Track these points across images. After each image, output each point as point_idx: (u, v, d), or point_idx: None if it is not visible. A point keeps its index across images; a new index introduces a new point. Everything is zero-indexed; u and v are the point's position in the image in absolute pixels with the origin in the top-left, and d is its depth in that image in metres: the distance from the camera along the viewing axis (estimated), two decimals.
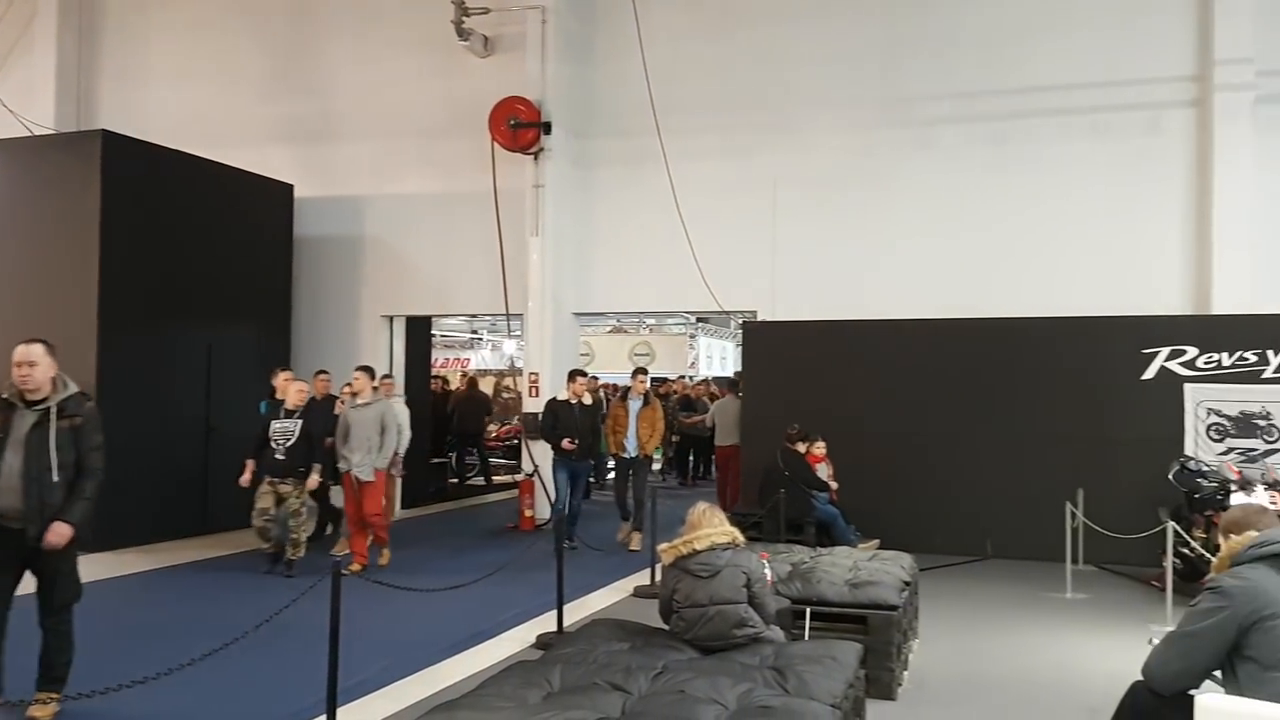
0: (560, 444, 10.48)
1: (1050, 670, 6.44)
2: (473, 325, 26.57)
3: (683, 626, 4.74)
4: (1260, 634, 3.34)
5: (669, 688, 3.98)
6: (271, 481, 9.06)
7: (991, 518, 10.63)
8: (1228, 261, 10.56)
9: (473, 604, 7.73)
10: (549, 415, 10.70)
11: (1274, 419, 9.98)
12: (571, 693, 3.95)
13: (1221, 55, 10.59)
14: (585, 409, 10.76)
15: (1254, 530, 3.69)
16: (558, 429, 10.54)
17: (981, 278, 11.45)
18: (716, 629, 4.65)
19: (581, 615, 7.52)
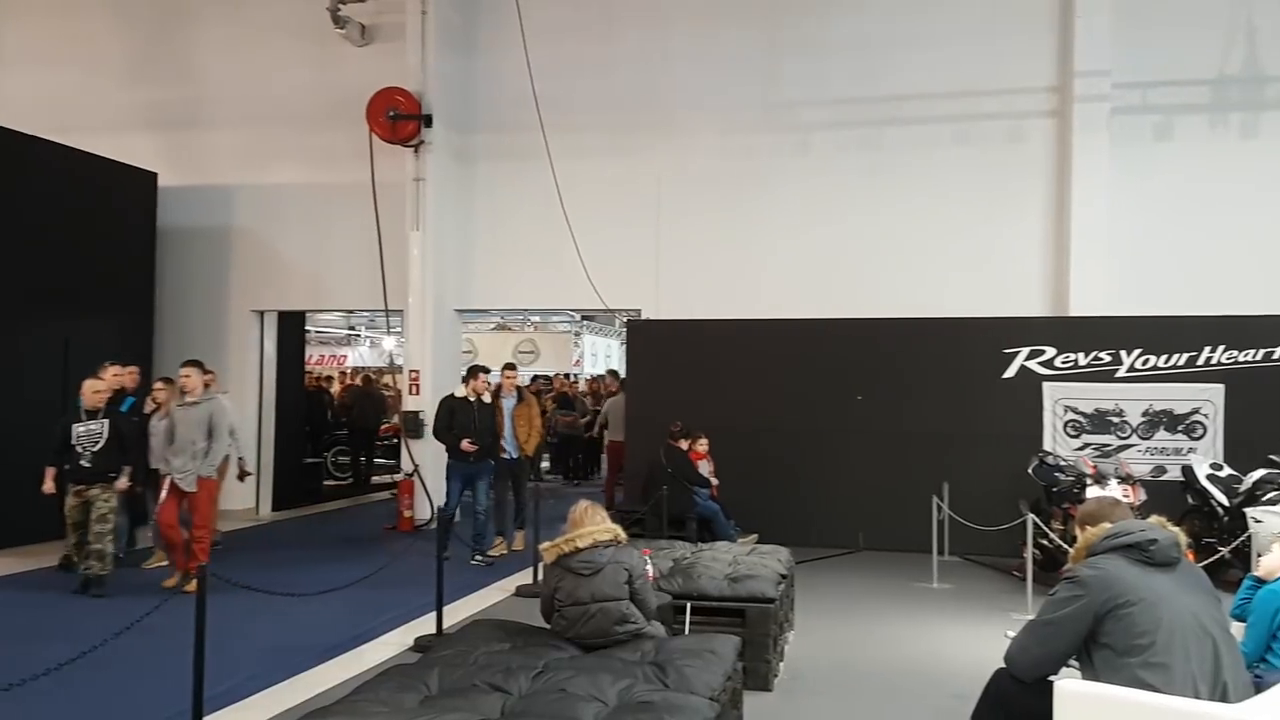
0: (459, 444, 9.79)
1: (918, 658, 6.67)
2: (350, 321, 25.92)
3: (564, 625, 4.72)
4: (1114, 622, 3.51)
5: (550, 686, 3.96)
6: (78, 490, 8.29)
7: (864, 511, 10.96)
8: (1084, 266, 11.12)
9: (348, 608, 7.53)
10: (445, 413, 10.00)
11: (1126, 416, 10.58)
12: (450, 695, 3.89)
13: (1081, 67, 11.15)
14: (484, 407, 10.11)
15: (1108, 522, 3.86)
16: (454, 428, 9.88)
17: (856, 279, 11.77)
18: (598, 626, 4.65)
19: (462, 617, 7.42)
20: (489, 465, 10.06)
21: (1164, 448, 10.48)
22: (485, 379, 10.23)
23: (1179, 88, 11.16)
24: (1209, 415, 10.39)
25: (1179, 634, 3.44)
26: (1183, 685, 3.35)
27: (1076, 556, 3.85)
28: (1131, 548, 3.67)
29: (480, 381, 10.15)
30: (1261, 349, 10.28)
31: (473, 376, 10.22)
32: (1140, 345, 10.55)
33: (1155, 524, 3.81)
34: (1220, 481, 9.26)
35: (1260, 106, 11.01)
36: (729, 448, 10.85)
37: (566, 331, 26.21)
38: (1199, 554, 8.67)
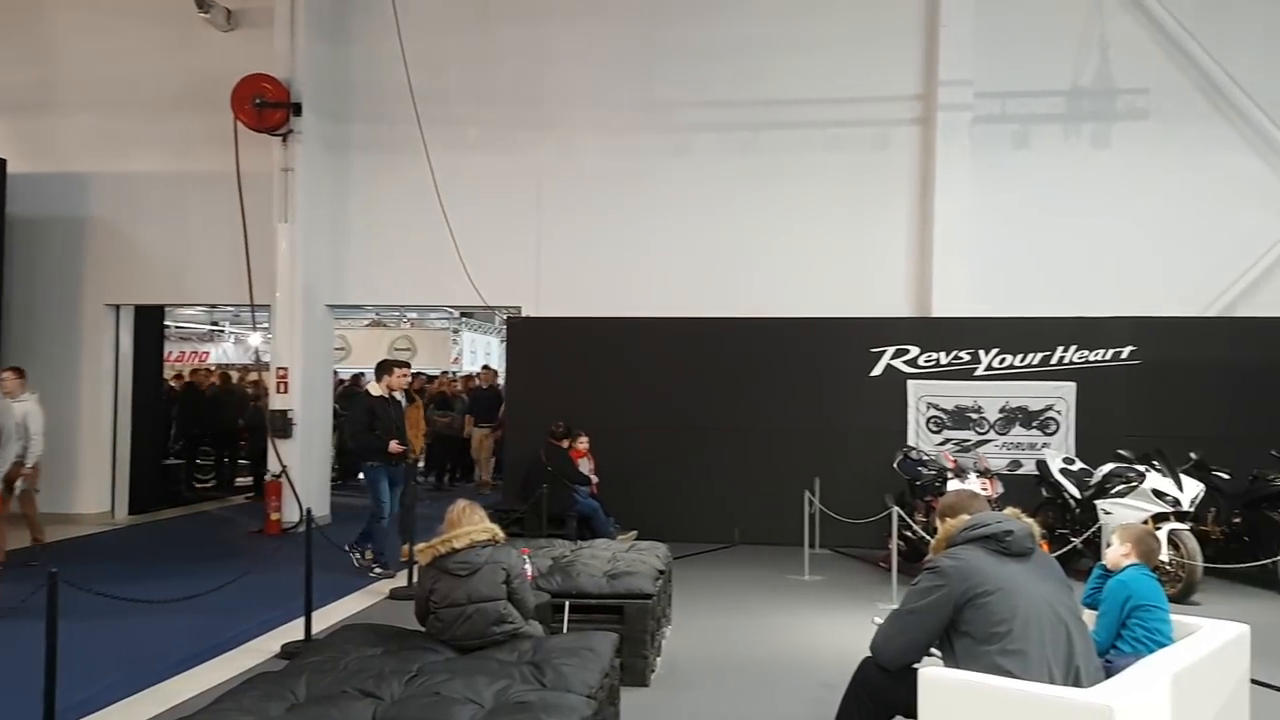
0: (387, 447, 9.04)
1: (790, 649, 6.83)
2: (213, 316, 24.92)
3: (440, 627, 4.65)
4: (973, 610, 3.66)
5: (424, 690, 3.89)
6: None
7: (740, 507, 11.16)
8: (946, 268, 11.57)
9: (210, 614, 7.22)
10: (364, 414, 9.22)
11: (985, 412, 11.08)
12: (318, 702, 3.78)
13: (944, 77, 11.57)
14: (399, 405, 9.57)
15: (967, 514, 4.02)
16: (377, 429, 9.12)
17: (734, 279, 11.95)
18: (475, 627, 4.60)
19: (332, 622, 7.22)
20: (404, 467, 9.54)
21: (1020, 443, 11.01)
22: (402, 374, 9.56)
23: (1036, 98, 11.72)
24: (1062, 412, 10.96)
25: (1034, 622, 3.61)
26: (1038, 671, 3.52)
27: (937, 547, 4.00)
28: (989, 539, 3.83)
29: (396, 377, 9.46)
30: (1110, 349, 10.90)
31: (386, 372, 9.54)
32: (998, 345, 11.06)
33: (1011, 516, 3.99)
34: (1072, 475, 9.77)
35: (1111, 117, 11.66)
36: (609, 445, 10.90)
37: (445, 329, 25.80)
38: (1052, 544, 9.16)
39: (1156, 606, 4.37)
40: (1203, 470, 9.33)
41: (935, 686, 3.52)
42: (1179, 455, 9.18)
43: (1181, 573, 8.34)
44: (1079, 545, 8.91)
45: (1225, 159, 11.39)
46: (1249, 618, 4.99)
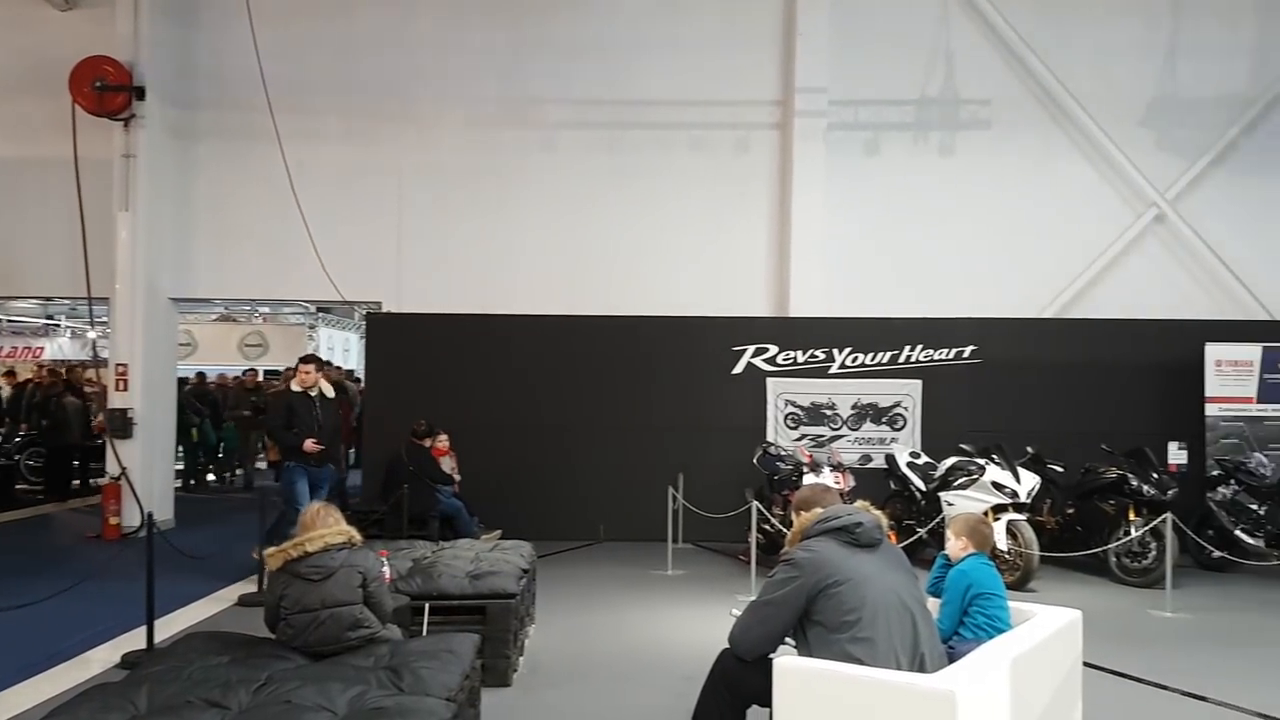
0: (303, 445, 8.63)
1: (652, 643, 6.90)
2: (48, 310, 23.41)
3: (291, 633, 4.49)
4: (825, 600, 3.78)
5: (274, 699, 3.75)
6: None
7: (605, 503, 11.21)
8: (803, 270, 11.89)
9: (44, 623, 6.80)
10: (283, 411, 8.83)
11: (838, 409, 11.46)
12: (161, 713, 3.60)
13: (801, 84, 11.90)
14: (327, 402, 9.03)
15: (820, 507, 4.15)
16: (295, 426, 8.71)
17: (600, 277, 11.98)
18: (329, 633, 4.46)
19: (176, 630, 6.89)
20: (330, 470, 9.06)
21: (870, 438, 11.43)
22: (305, 370, 8.99)
23: (887, 107, 12.19)
24: (909, 408, 11.43)
25: (882, 610, 3.75)
26: (886, 658, 3.66)
27: (792, 540, 4.11)
28: (840, 530, 3.96)
29: (300, 374, 8.95)
30: (954, 348, 11.43)
31: (294, 369, 9.05)
32: (850, 344, 11.46)
33: (861, 508, 4.14)
34: (918, 468, 10.21)
35: (956, 126, 12.22)
36: (473, 444, 10.77)
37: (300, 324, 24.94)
38: (900, 535, 9.56)
39: (995, 594, 4.59)
40: (1038, 463, 9.89)
41: (789, 675, 3.61)
42: (1017, 449, 9.70)
43: (1019, 561, 8.81)
44: (924, 535, 9.32)
45: (1061, 167, 12.11)
46: (1081, 603, 5.33)
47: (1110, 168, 12.08)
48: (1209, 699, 5.78)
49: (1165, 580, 8.28)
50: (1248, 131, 12.04)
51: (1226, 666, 6.52)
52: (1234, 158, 12.07)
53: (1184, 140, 12.05)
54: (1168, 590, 8.18)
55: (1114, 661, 6.42)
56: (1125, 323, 11.44)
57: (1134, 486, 9.28)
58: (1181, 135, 12.06)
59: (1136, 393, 11.21)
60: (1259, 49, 12.05)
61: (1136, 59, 12.09)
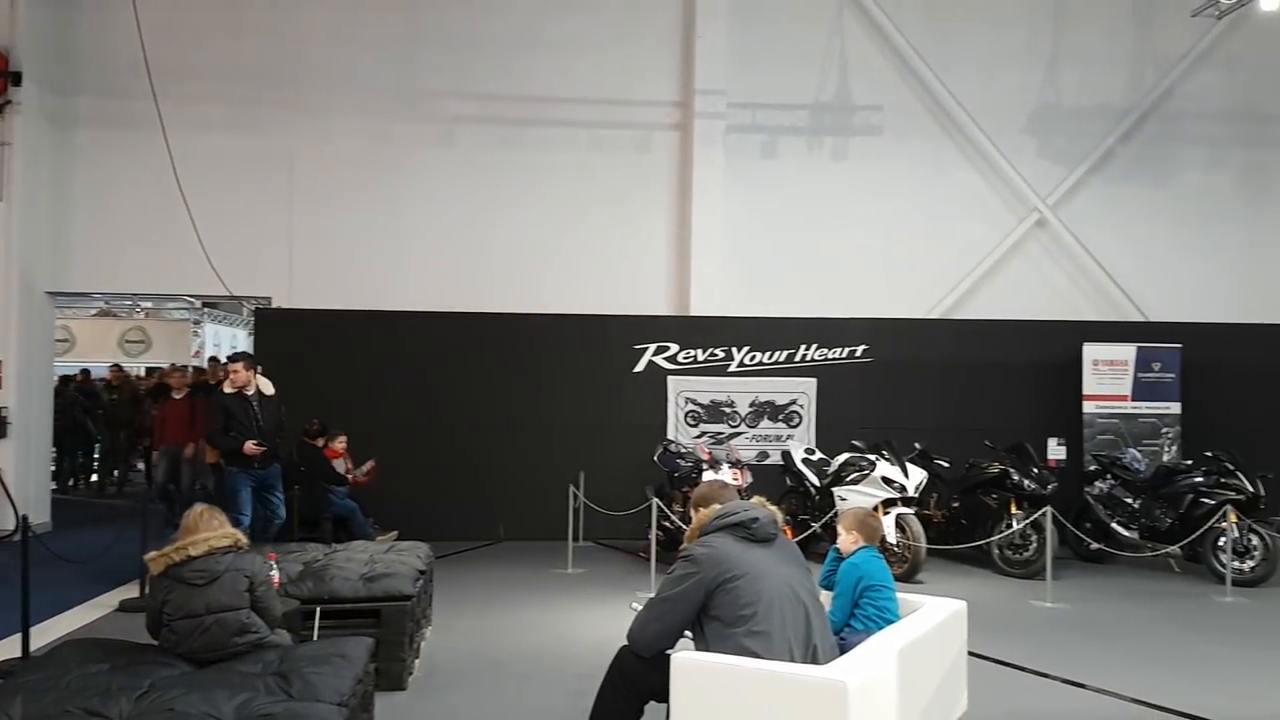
0: (242, 448, 8.25)
1: (551, 643, 6.88)
2: None
3: (175, 640, 4.34)
4: (723, 595, 3.83)
5: (156, 707, 3.62)
6: None
7: (505, 503, 11.13)
8: (703, 269, 12.02)
9: None
10: (219, 412, 8.45)
11: (737, 406, 11.62)
12: None
13: (700, 86, 12.02)
14: (266, 400, 8.60)
15: (718, 504, 4.20)
16: (231, 429, 8.35)
17: (501, 274, 11.88)
18: (214, 639, 4.32)
19: (53, 638, 6.57)
20: (278, 470, 8.71)
21: (767, 435, 11.63)
22: (234, 369, 8.57)
23: (783, 111, 12.40)
24: (804, 406, 11.67)
25: (777, 604, 3.82)
26: (780, 650, 3.73)
27: (691, 536, 4.15)
28: (737, 526, 4.02)
29: (242, 371, 8.52)
30: (847, 347, 11.71)
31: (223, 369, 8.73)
32: (749, 343, 11.63)
33: (757, 504, 4.21)
34: (813, 464, 10.43)
35: (850, 132, 12.51)
36: (368, 443, 10.52)
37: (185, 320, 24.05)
38: (795, 529, 9.73)
39: (885, 586, 4.72)
40: (926, 459, 10.21)
41: (687, 670, 3.65)
42: (905, 445, 10.00)
43: (908, 554, 9.08)
44: (818, 530, 9.52)
45: (949, 173, 12.51)
46: (966, 594, 5.51)
47: (995, 174, 12.53)
48: (1087, 686, 6.04)
49: (1045, 571, 8.63)
50: (1124, 140, 12.64)
51: (1103, 654, 6.84)
52: (1110, 165, 12.66)
53: (1064, 148, 12.59)
54: (1048, 581, 8.53)
55: (997, 650, 6.67)
56: (1008, 323, 11.88)
57: (1015, 481, 9.66)
58: (1062, 143, 12.58)
59: (1018, 391, 11.66)
60: (1135, 60, 12.66)
61: (1021, 68, 12.57)
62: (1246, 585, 8.88)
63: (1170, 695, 5.77)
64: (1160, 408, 11.38)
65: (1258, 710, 5.53)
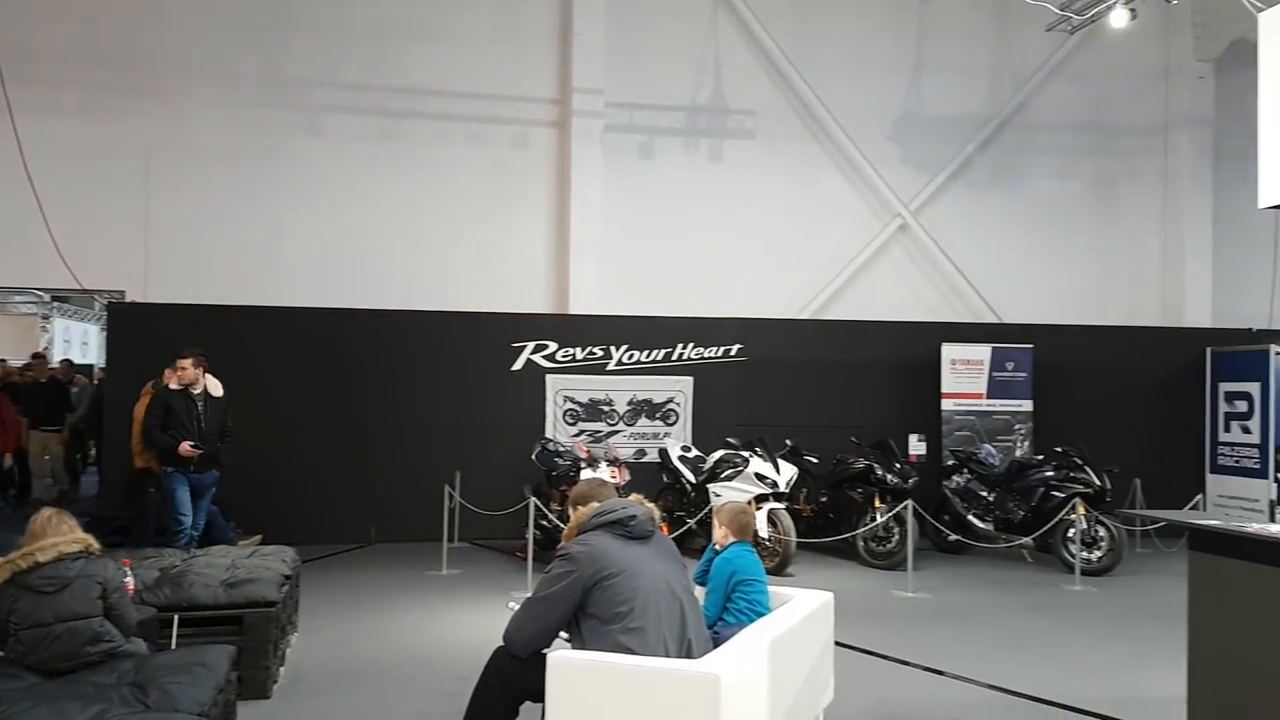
0: (178, 448, 7.88)
1: (426, 646, 6.78)
2: None
3: (22, 650, 4.09)
4: (600, 592, 3.84)
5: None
6: None
7: (376, 503, 10.88)
8: (582, 268, 12.04)
9: None
10: (159, 410, 7.99)
11: (615, 405, 11.67)
12: None
13: (578, 84, 12.02)
14: (213, 401, 8.20)
15: (596, 502, 4.22)
16: (170, 427, 7.91)
17: (371, 269, 11.63)
18: (65, 649, 4.10)
19: None
20: (214, 476, 8.23)
21: (645, 433, 11.72)
22: (183, 366, 8.13)
23: (660, 111, 12.51)
24: (681, 404, 11.81)
25: (653, 600, 3.86)
26: (655, 646, 3.77)
27: (569, 535, 4.15)
28: (615, 524, 4.04)
29: (178, 370, 8.12)
30: (723, 346, 11.90)
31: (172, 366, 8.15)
32: (627, 341, 11.70)
33: (635, 501, 4.24)
34: (689, 462, 10.57)
35: (724, 135, 12.72)
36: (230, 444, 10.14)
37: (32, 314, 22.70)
38: (671, 526, 9.85)
39: (757, 580, 4.82)
40: (796, 455, 10.47)
41: (562, 669, 3.65)
42: (777, 442, 10.24)
43: (779, 548, 9.31)
44: (694, 526, 9.66)
45: (818, 177, 12.86)
46: (833, 585, 5.69)
47: (861, 179, 12.95)
48: (945, 672, 6.32)
49: (907, 562, 8.98)
50: (982, 149, 13.23)
51: (960, 641, 7.16)
52: (969, 173, 13.24)
53: (926, 155, 13.09)
54: (909, 571, 8.88)
55: (862, 640, 6.90)
56: (873, 324, 12.29)
57: (879, 476, 10.02)
58: (924, 150, 13.09)
59: (882, 388, 12.07)
60: (994, 72, 13.27)
61: (886, 77, 13.01)
62: (1094, 574, 9.43)
63: (1023, 680, 6.09)
64: (1013, 405, 11.97)
65: (1105, 693, 5.87)
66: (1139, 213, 13.59)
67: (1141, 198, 13.58)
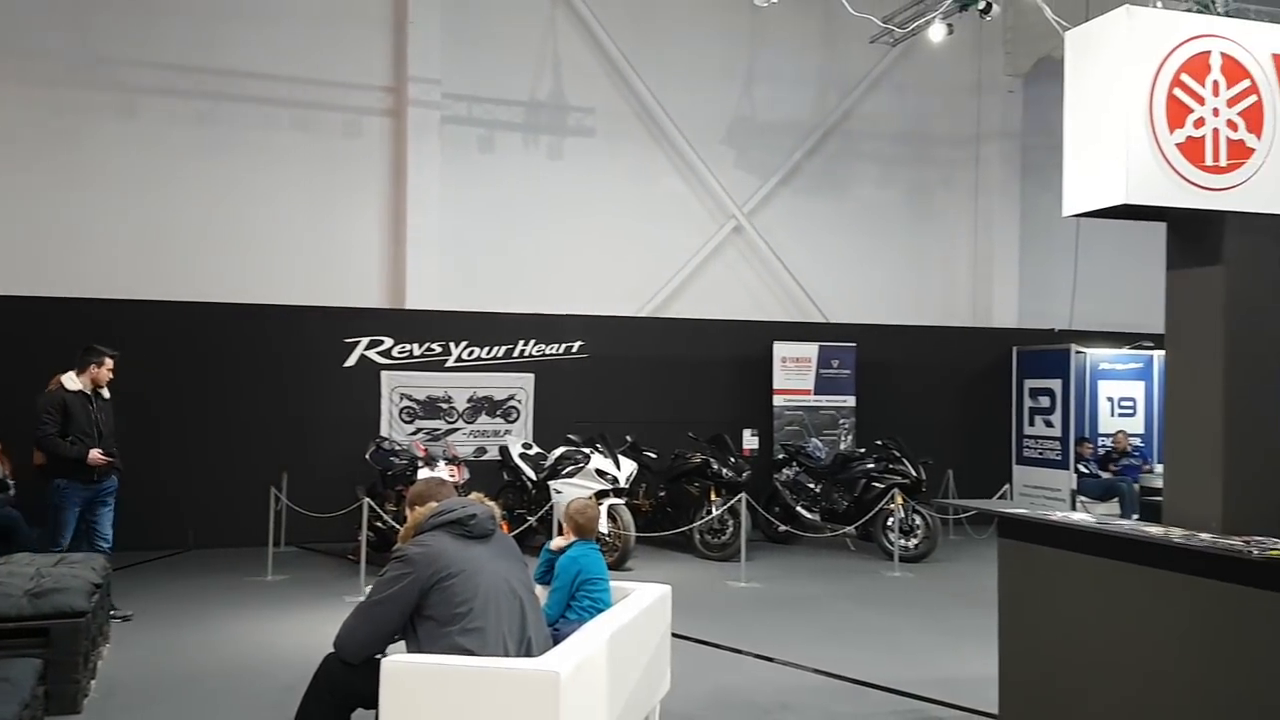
0: (86, 457, 7.12)
1: (251, 654, 6.50)
2: None
3: None
4: (438, 594, 3.77)
5: None
6: None
7: (195, 507, 10.36)
8: (419, 261, 11.78)
9: None
10: (55, 412, 7.13)
11: (454, 402, 11.51)
12: None
13: (414, 73, 11.75)
14: (104, 403, 7.49)
15: (434, 501, 4.14)
16: (69, 433, 7.12)
17: (191, 260, 11.04)
18: None
19: None
20: (113, 483, 7.47)
21: (485, 430, 11.61)
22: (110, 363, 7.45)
23: (499, 106, 12.40)
24: (522, 401, 11.76)
25: (493, 599, 3.82)
26: (495, 646, 3.73)
27: (405, 536, 4.06)
28: (454, 523, 3.98)
29: (105, 369, 7.41)
30: (564, 343, 11.92)
31: (94, 361, 7.35)
32: (467, 338, 11.56)
33: (474, 500, 4.19)
34: (530, 459, 10.54)
35: (564, 132, 12.72)
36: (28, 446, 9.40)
37: None
38: (512, 524, 9.80)
39: (600, 579, 4.86)
40: (636, 451, 10.63)
41: (397, 674, 3.57)
42: (617, 438, 10.35)
43: (619, 543, 9.42)
44: (534, 523, 9.64)
45: (657, 178, 13.04)
46: (671, 578, 5.80)
47: (698, 181, 13.21)
48: (776, 659, 6.54)
49: (740, 554, 9.25)
50: (809, 155, 13.72)
51: (789, 628, 7.43)
52: (798, 178, 13.72)
53: (759, 160, 13.48)
54: (742, 563, 9.16)
55: (698, 630, 7.07)
56: (709, 322, 12.59)
57: (715, 470, 10.29)
58: (757, 155, 13.48)
59: (718, 385, 12.39)
60: (820, 81, 13.78)
61: (721, 82, 13.31)
62: (911, 561, 9.97)
63: (847, 664, 6.37)
64: (839, 401, 12.51)
65: (923, 675, 6.21)
66: (953, 219, 14.41)
67: (955, 205, 14.41)
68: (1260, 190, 4.50)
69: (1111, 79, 4.49)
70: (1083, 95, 4.67)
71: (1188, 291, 4.70)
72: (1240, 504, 4.38)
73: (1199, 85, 4.44)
